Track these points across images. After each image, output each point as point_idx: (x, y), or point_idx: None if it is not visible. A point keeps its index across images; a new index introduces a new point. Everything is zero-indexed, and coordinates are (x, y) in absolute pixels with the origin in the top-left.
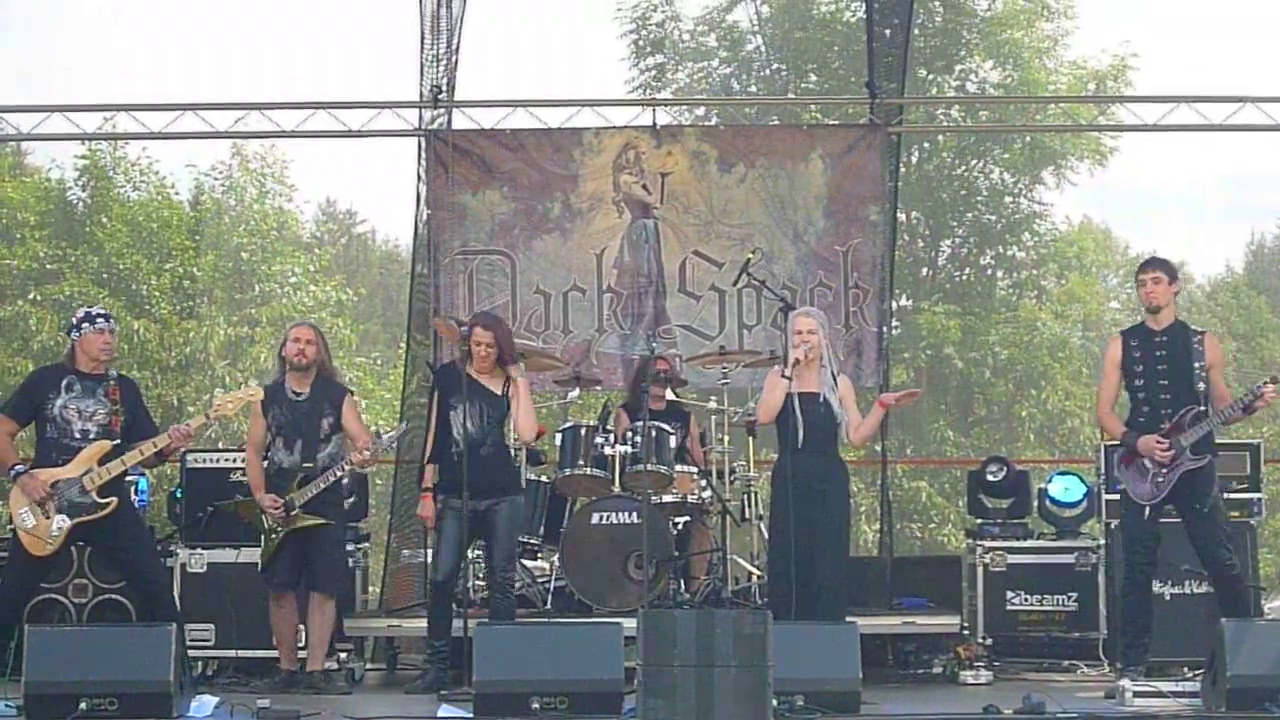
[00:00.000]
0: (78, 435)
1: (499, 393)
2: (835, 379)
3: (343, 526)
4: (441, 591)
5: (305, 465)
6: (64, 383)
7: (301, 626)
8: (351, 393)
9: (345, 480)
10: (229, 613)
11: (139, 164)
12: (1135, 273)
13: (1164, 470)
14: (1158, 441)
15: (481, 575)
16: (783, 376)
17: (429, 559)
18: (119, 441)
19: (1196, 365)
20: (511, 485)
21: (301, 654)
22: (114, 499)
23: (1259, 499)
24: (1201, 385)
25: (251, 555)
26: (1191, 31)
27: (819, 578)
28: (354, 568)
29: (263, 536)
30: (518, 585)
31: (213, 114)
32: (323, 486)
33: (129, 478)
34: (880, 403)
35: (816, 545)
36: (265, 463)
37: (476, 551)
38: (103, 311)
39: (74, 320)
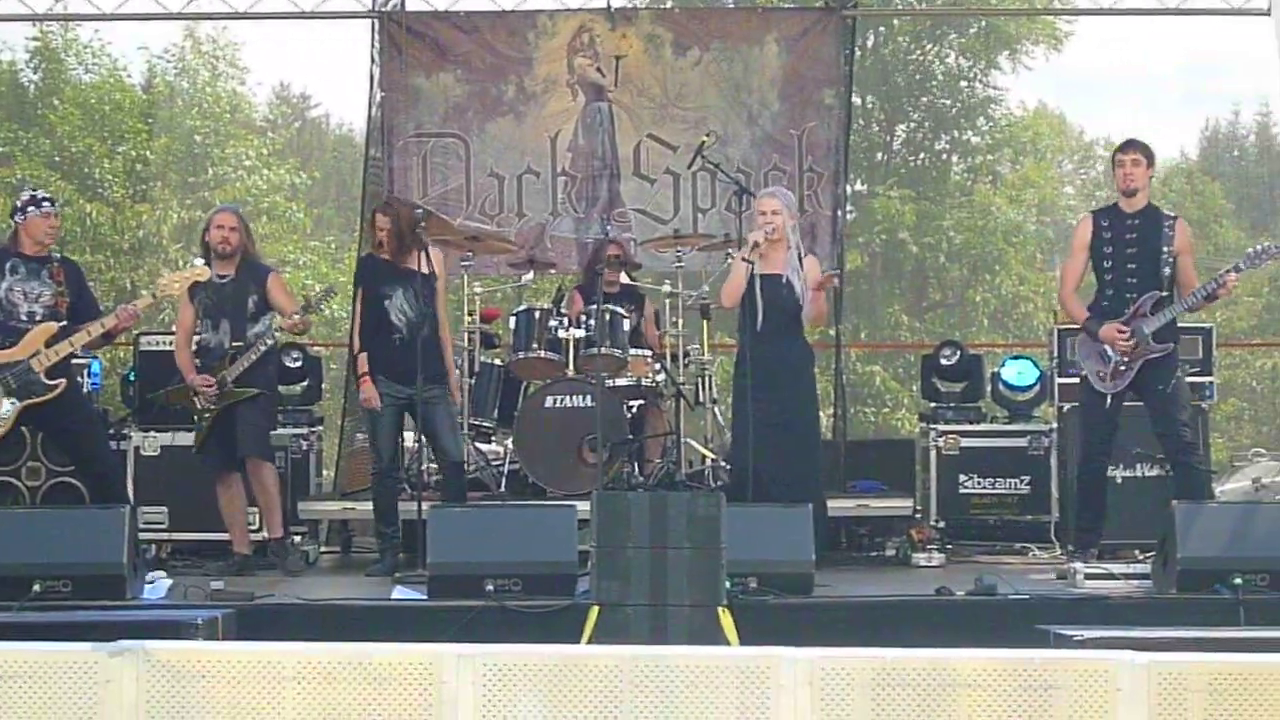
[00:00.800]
0: (24, 317)
1: (425, 271)
2: (801, 260)
3: (273, 396)
4: (385, 478)
5: (234, 344)
6: (8, 265)
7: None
8: (276, 271)
9: (272, 351)
10: (182, 495)
11: (91, 46)
12: (1113, 153)
13: (1126, 359)
14: (1119, 331)
15: (433, 459)
16: (743, 260)
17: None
18: (65, 323)
19: (1165, 250)
20: (443, 372)
21: (258, 536)
22: (62, 380)
23: (1211, 383)
24: (1168, 270)
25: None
26: None
27: (790, 463)
28: (308, 451)
29: (196, 419)
30: (471, 469)
31: None
32: (254, 359)
33: (80, 361)
34: (815, 289)
35: (783, 430)
36: (195, 347)
37: (417, 439)
38: (48, 195)
39: (18, 204)
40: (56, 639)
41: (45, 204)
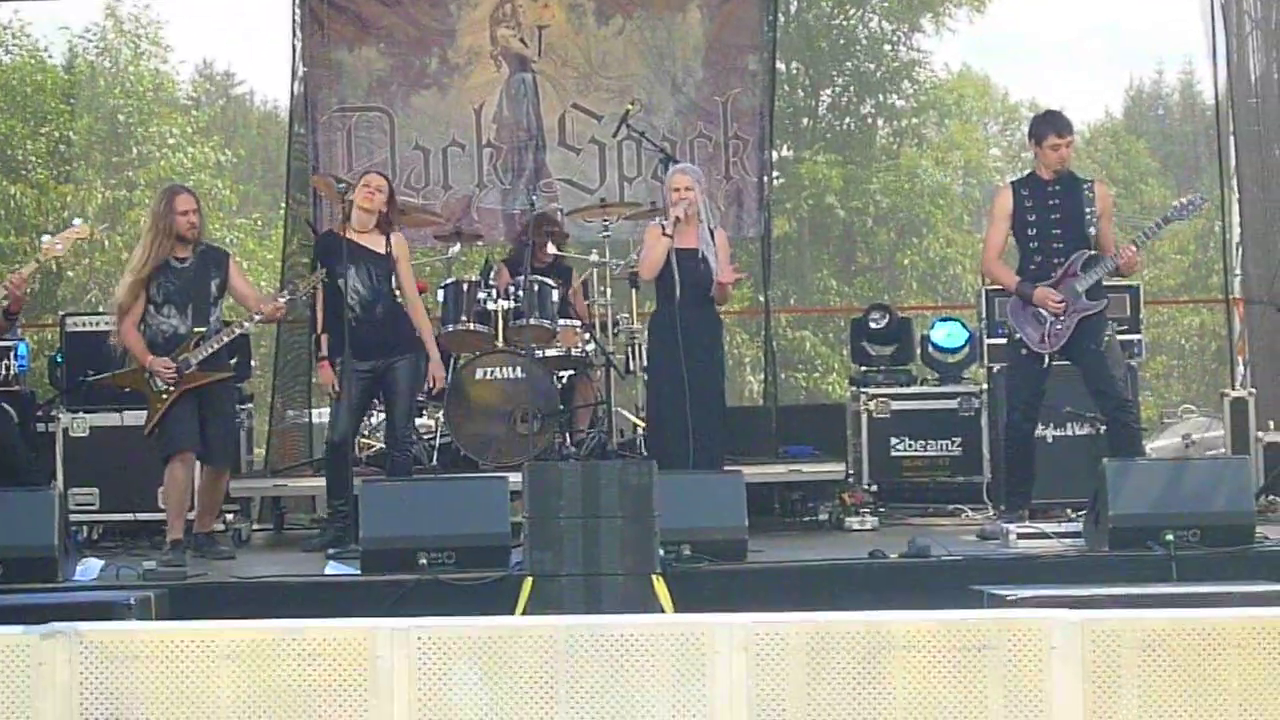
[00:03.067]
0: None
1: (382, 251)
2: (713, 234)
3: (234, 391)
4: (339, 451)
5: (197, 330)
6: None
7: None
8: (231, 254)
9: (242, 338)
10: (112, 476)
11: (10, 27)
12: (1045, 134)
13: (1060, 319)
14: (1051, 293)
15: (366, 433)
16: (664, 235)
17: (311, 418)
18: None
19: (1088, 211)
20: (410, 343)
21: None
22: None
23: (1140, 340)
24: (1093, 230)
25: (135, 419)
26: None
27: (697, 429)
28: (238, 428)
29: (150, 400)
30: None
31: None
32: (222, 343)
33: (6, 344)
34: (722, 280)
35: (694, 397)
36: (146, 329)
37: (377, 412)
38: None
39: None
40: None
41: None
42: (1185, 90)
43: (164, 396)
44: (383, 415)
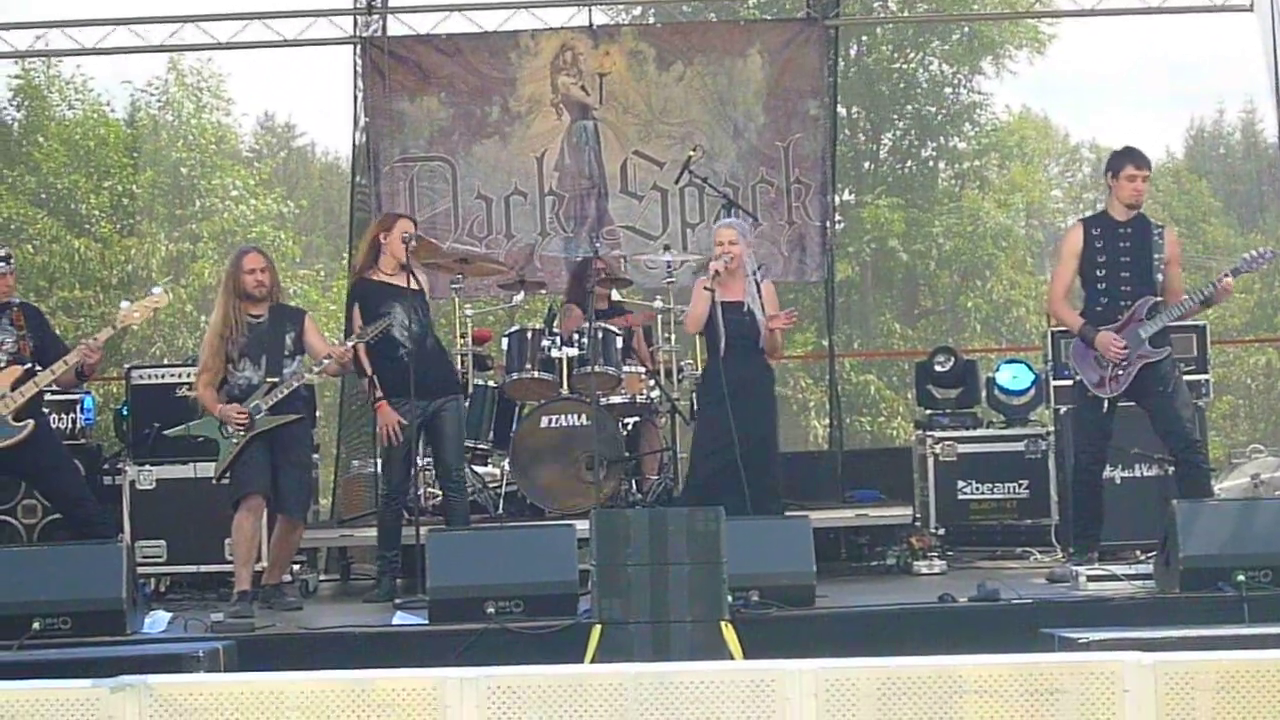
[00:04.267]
0: None
1: (415, 287)
2: (759, 287)
3: (309, 438)
4: (392, 500)
5: (271, 379)
6: None
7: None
8: (308, 313)
9: (309, 388)
10: (179, 528)
11: (74, 82)
12: (1122, 165)
13: (1122, 365)
14: (1114, 339)
15: (431, 482)
16: (705, 289)
17: (377, 468)
18: (30, 365)
19: (1156, 258)
20: (454, 383)
21: (258, 566)
22: (29, 422)
23: (1206, 380)
24: (1160, 277)
25: (203, 470)
26: None
27: (751, 483)
28: (313, 479)
29: (221, 446)
30: (469, 491)
31: (146, 28)
32: (291, 388)
33: (72, 398)
34: (770, 328)
35: (742, 449)
36: (225, 386)
37: (425, 459)
38: (3, 254)
39: None
40: (57, 676)
41: (0, 263)
42: (1247, 129)
43: (234, 442)
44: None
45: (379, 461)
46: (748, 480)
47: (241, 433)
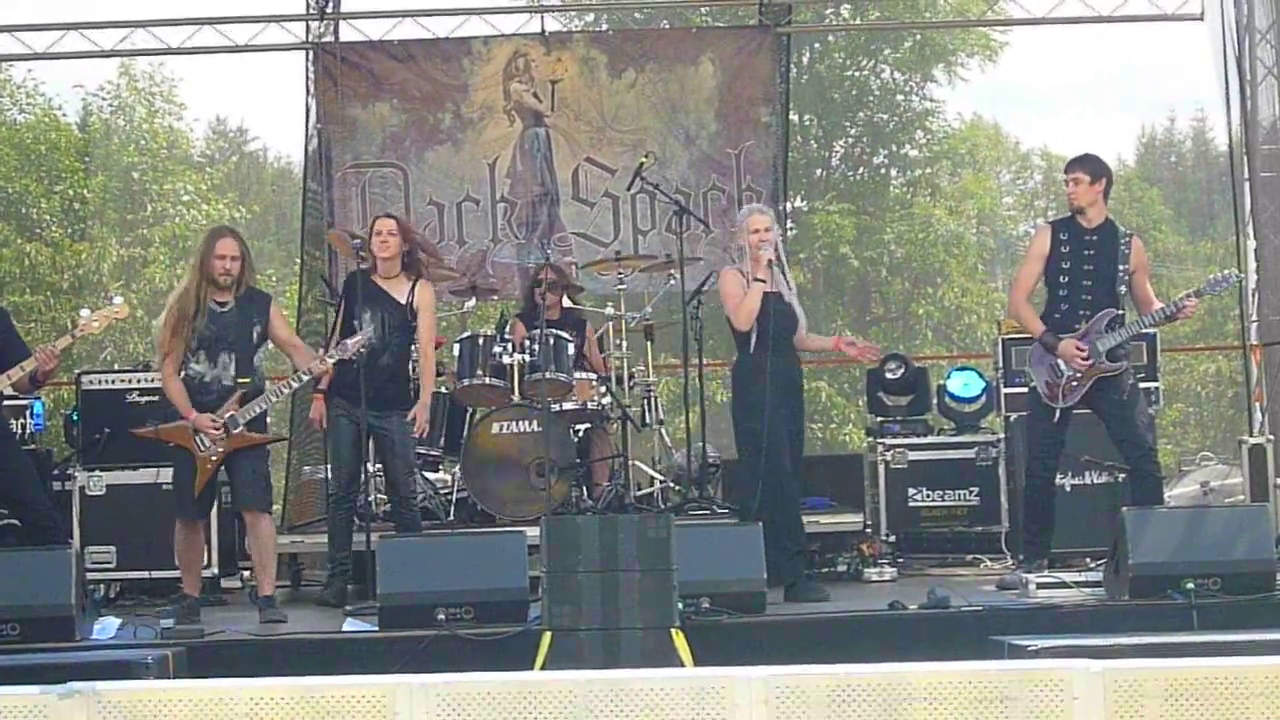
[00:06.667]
0: None
1: (403, 300)
2: (787, 276)
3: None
4: (341, 502)
5: (242, 380)
6: None
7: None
8: (274, 298)
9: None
10: (130, 534)
11: (24, 86)
12: (1065, 171)
13: (1079, 375)
14: (1078, 348)
15: (382, 489)
16: (755, 280)
17: (327, 474)
18: None
19: (1121, 268)
20: (405, 399)
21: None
22: None
23: (1157, 388)
24: (1123, 289)
25: (151, 476)
26: None
27: (792, 471)
28: (268, 471)
29: (197, 460)
30: (420, 497)
31: (98, 33)
32: (269, 404)
33: (22, 402)
34: (837, 342)
35: (783, 442)
36: (183, 375)
37: (376, 465)
38: None
39: None
40: (5, 683)
41: None
42: (1198, 137)
43: (211, 459)
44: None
45: (329, 461)
46: (792, 473)
47: (218, 448)
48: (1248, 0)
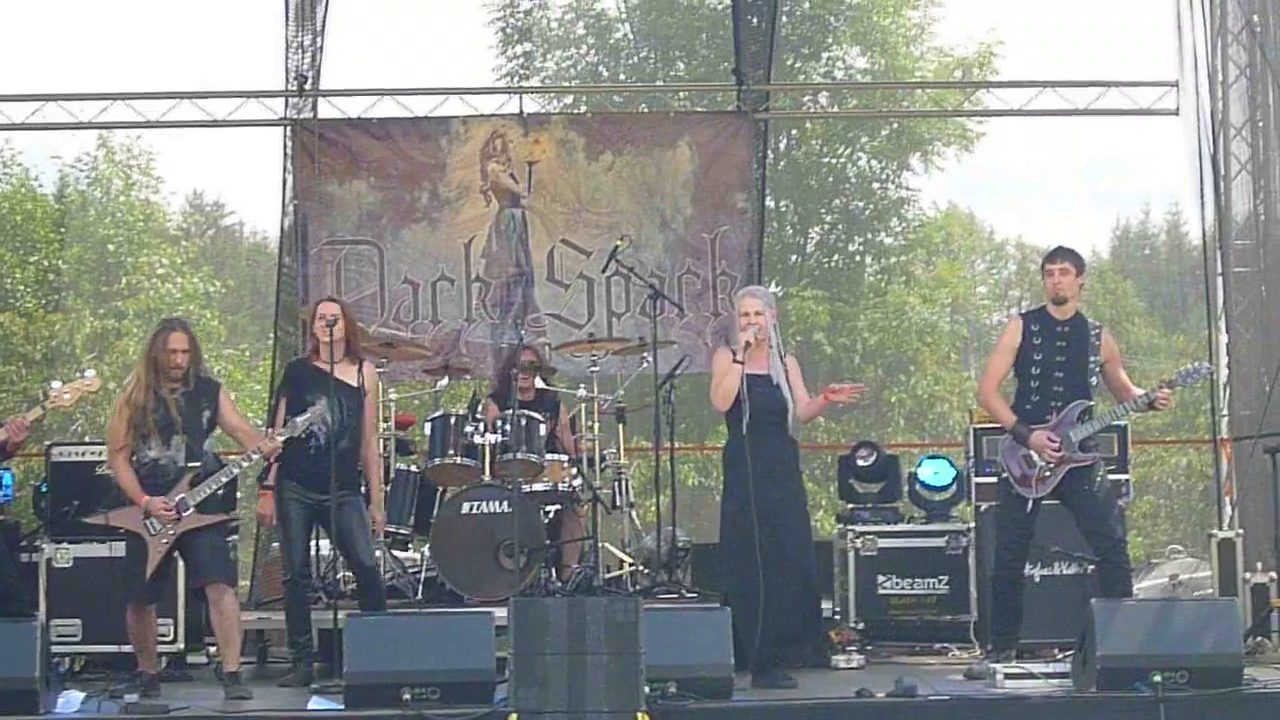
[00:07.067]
0: None
1: (354, 384)
2: (783, 360)
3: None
4: (296, 586)
5: (192, 465)
6: None
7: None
8: (223, 385)
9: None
10: (96, 607)
11: (2, 156)
12: (1045, 262)
13: (1051, 466)
14: (1049, 439)
15: (346, 567)
16: (735, 361)
17: (284, 558)
18: None
19: (1092, 359)
20: (354, 483)
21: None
22: None
23: (1127, 480)
24: (1094, 380)
25: (118, 550)
26: (1056, 18)
27: (794, 558)
28: (226, 545)
29: (144, 546)
30: (388, 576)
31: (76, 105)
32: (220, 484)
33: None
34: (826, 395)
35: (779, 526)
36: (135, 461)
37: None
38: None
39: None
40: None
41: None
42: (1172, 231)
43: (164, 541)
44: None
45: (281, 545)
46: (790, 559)
47: (170, 530)
48: (1223, 96)
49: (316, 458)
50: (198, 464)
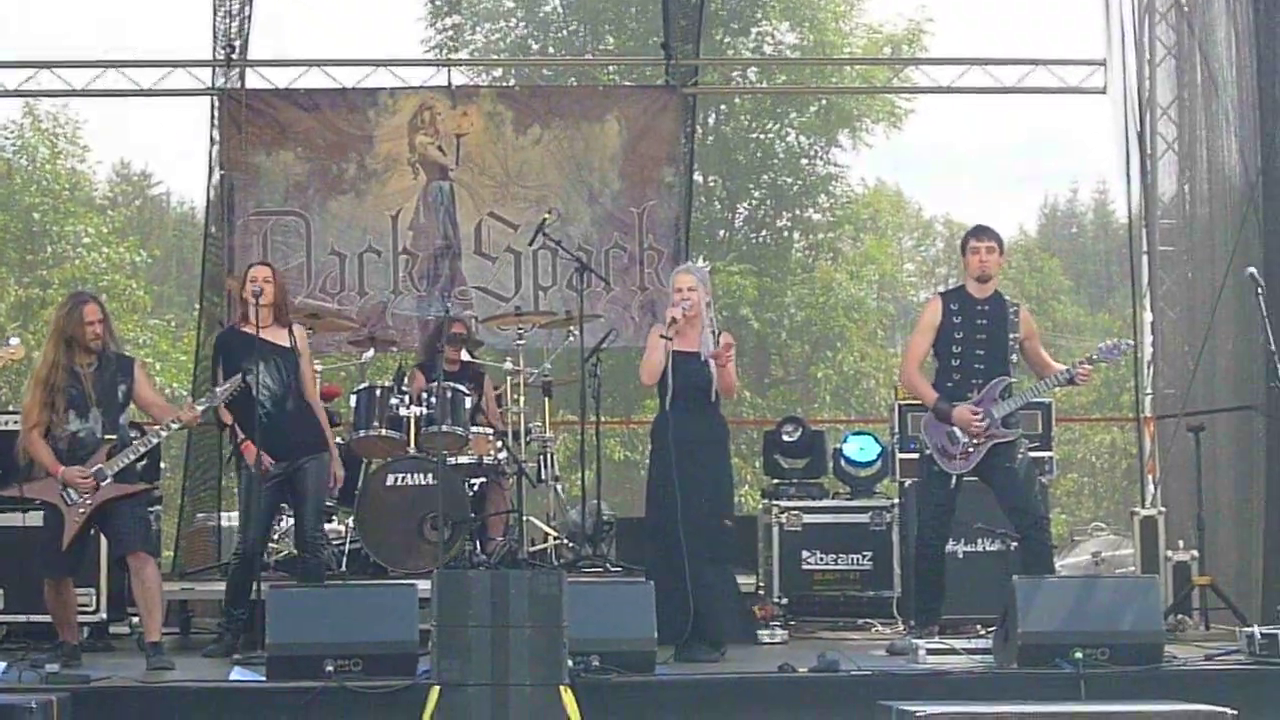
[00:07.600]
0: None
1: (287, 345)
2: (716, 338)
3: (152, 489)
4: (249, 560)
5: (108, 436)
6: None
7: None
8: (139, 360)
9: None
10: (17, 576)
11: None
12: (965, 238)
13: (975, 442)
14: (973, 413)
15: (276, 538)
16: (661, 336)
17: (221, 521)
18: None
19: (1011, 337)
20: (315, 441)
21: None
22: None
23: (1051, 458)
24: (1014, 357)
25: (36, 519)
26: None
27: (705, 536)
28: (148, 515)
29: (60, 517)
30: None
31: (2, 72)
32: (138, 454)
33: None
34: (710, 359)
35: (696, 504)
36: (50, 436)
37: (286, 518)
38: None
39: None
40: None
41: None
42: (1099, 209)
43: (81, 512)
44: (291, 519)
45: (241, 516)
46: (706, 536)
47: (87, 499)
48: (1150, 75)
49: (269, 425)
50: (114, 437)
